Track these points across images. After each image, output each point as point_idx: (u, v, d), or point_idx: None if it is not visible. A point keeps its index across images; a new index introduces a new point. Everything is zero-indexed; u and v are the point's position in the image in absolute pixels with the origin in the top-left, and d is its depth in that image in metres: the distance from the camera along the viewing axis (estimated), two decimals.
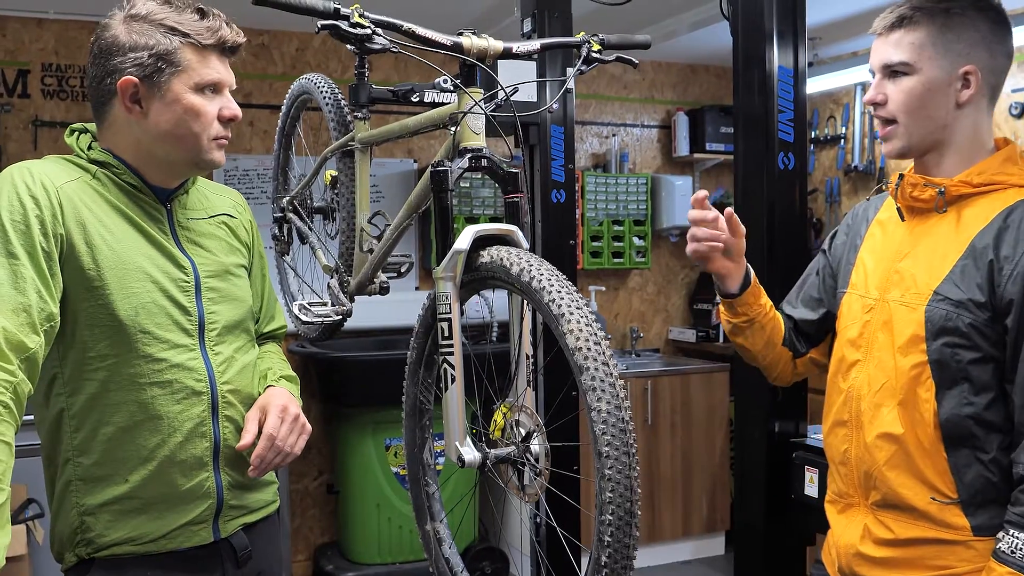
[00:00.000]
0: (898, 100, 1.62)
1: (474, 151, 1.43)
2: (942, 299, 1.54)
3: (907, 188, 1.63)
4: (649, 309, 5.55)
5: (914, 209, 1.65)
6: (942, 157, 1.63)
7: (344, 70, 4.69)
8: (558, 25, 2.77)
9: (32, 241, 1.43)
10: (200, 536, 1.63)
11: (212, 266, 1.67)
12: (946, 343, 1.53)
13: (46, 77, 4.26)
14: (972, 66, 1.58)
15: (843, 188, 5.19)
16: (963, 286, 1.52)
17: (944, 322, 1.53)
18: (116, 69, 1.54)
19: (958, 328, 1.52)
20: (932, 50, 1.58)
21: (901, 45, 1.60)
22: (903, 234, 1.66)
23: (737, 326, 1.84)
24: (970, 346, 1.52)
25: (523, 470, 1.35)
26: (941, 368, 1.54)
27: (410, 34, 1.41)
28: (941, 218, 1.60)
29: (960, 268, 1.54)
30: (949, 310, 1.53)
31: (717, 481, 4.96)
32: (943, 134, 1.62)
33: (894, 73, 1.62)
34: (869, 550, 1.64)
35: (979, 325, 1.51)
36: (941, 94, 1.59)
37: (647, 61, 5.43)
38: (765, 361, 1.88)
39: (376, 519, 4.30)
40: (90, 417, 1.55)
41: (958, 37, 1.58)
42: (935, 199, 1.59)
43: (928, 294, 1.56)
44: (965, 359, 1.52)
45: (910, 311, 1.58)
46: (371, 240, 1.86)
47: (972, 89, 1.59)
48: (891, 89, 1.63)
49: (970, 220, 1.56)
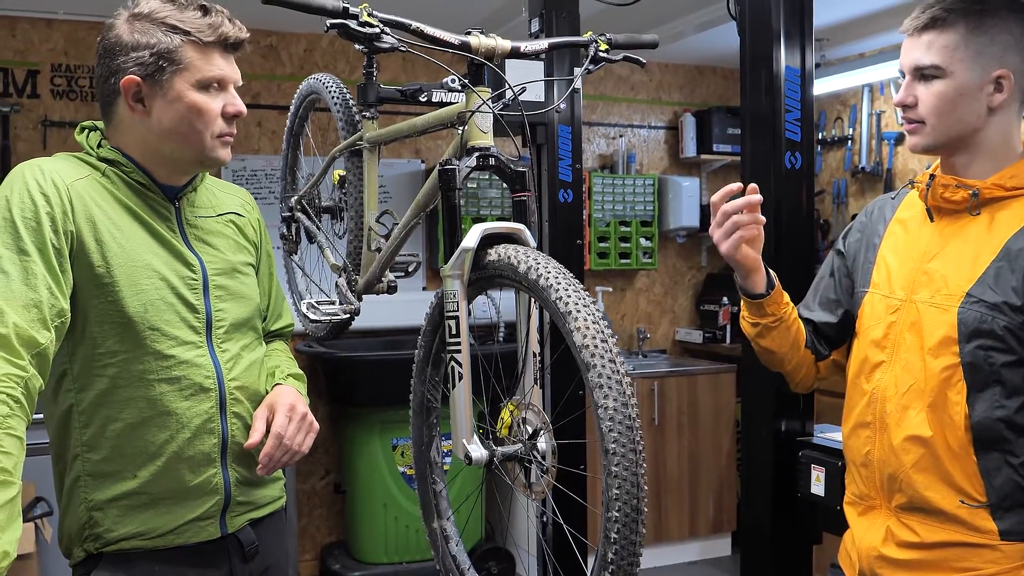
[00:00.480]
0: (929, 103, 1.59)
1: (482, 150, 1.43)
2: (976, 301, 1.52)
3: (938, 189, 1.61)
4: (656, 310, 5.55)
5: (943, 210, 1.62)
6: (971, 160, 1.61)
7: (352, 71, 4.70)
8: (566, 25, 2.77)
9: (43, 238, 1.44)
10: (208, 531, 1.63)
11: (220, 264, 1.68)
12: (980, 345, 1.51)
13: (55, 77, 4.28)
14: (1005, 70, 1.55)
15: (850, 190, 5.19)
16: (998, 289, 1.51)
17: (978, 324, 1.51)
18: (119, 68, 1.55)
19: (993, 331, 1.50)
20: (964, 53, 1.55)
21: (933, 47, 1.57)
22: (931, 235, 1.64)
23: (765, 327, 1.77)
24: (1004, 349, 1.50)
25: (530, 467, 1.36)
26: (974, 371, 1.52)
27: (418, 33, 1.42)
28: (972, 220, 1.58)
29: (994, 271, 1.52)
30: (983, 312, 1.51)
31: (724, 482, 4.96)
32: (973, 137, 1.59)
33: (925, 76, 1.59)
34: (892, 552, 1.62)
35: (1014, 328, 1.49)
36: (973, 98, 1.57)
37: (654, 62, 5.43)
38: (790, 365, 1.82)
39: (383, 518, 4.30)
40: (99, 413, 1.56)
41: (991, 40, 1.55)
42: (968, 201, 1.57)
43: (960, 296, 1.54)
44: (999, 362, 1.50)
45: (941, 312, 1.56)
46: (379, 239, 1.87)
47: (1005, 93, 1.56)
48: (921, 91, 1.60)
49: (1003, 223, 1.54)
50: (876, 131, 4.98)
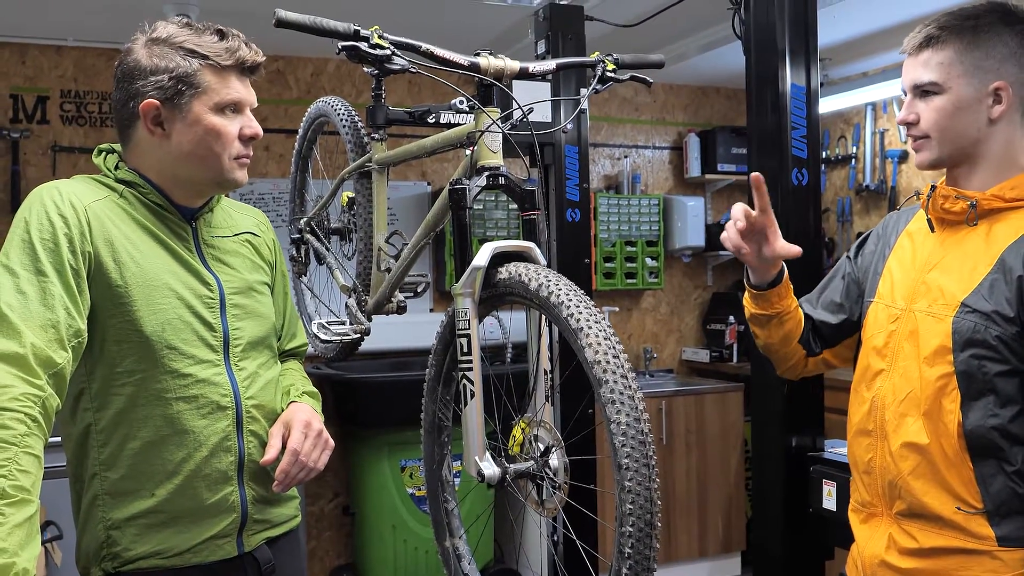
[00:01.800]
0: (929, 119, 1.63)
1: (492, 169, 1.45)
2: (970, 311, 1.54)
3: (939, 200, 1.63)
4: (662, 330, 5.56)
5: (944, 221, 1.65)
6: (973, 171, 1.63)
7: (358, 95, 4.73)
8: (571, 47, 2.80)
9: (61, 259, 1.46)
10: (225, 550, 1.64)
11: (236, 283, 1.70)
12: (973, 355, 1.53)
13: (65, 103, 4.32)
14: (1003, 82, 1.58)
15: (855, 208, 5.20)
16: (991, 299, 1.52)
17: (972, 334, 1.53)
18: (138, 92, 1.57)
19: (986, 340, 1.52)
20: (961, 68, 1.59)
21: (929, 65, 1.61)
22: (933, 245, 1.66)
23: (758, 316, 1.82)
24: (998, 359, 1.52)
25: (542, 484, 1.36)
26: (968, 379, 1.54)
27: (428, 54, 1.44)
28: (971, 231, 1.60)
29: (989, 282, 1.54)
30: (977, 322, 1.53)
31: (732, 501, 4.94)
32: (975, 149, 1.62)
33: (924, 93, 1.63)
34: (894, 560, 1.63)
35: (1007, 339, 1.51)
36: (972, 111, 1.60)
37: (658, 84, 5.46)
38: (778, 355, 1.87)
39: (392, 540, 4.29)
40: (117, 432, 1.57)
41: (987, 54, 1.58)
42: (967, 212, 1.59)
43: (956, 305, 1.56)
44: (992, 371, 1.52)
45: (937, 322, 1.58)
46: (388, 259, 1.88)
47: (1004, 105, 1.59)
48: (922, 108, 1.63)
49: (1001, 234, 1.56)
50: (880, 149, 5.00)
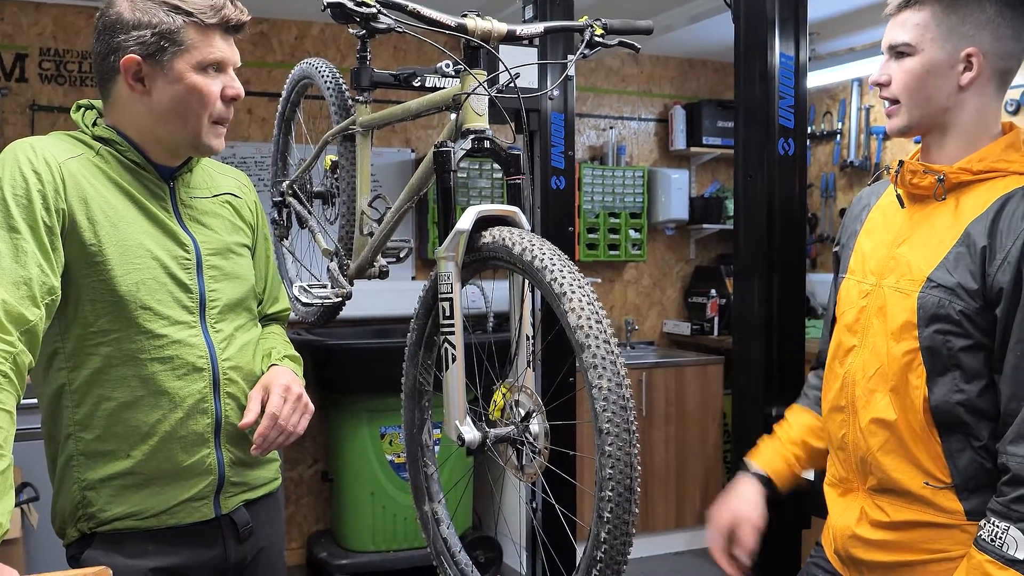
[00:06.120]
0: (900, 81, 1.62)
1: (477, 132, 1.43)
2: (935, 286, 1.53)
3: (907, 175, 1.62)
4: (644, 302, 5.57)
5: (914, 196, 1.64)
6: (944, 140, 1.62)
7: (343, 59, 4.68)
8: (559, 13, 2.77)
9: (34, 215, 1.44)
10: (201, 512, 1.64)
11: (214, 244, 1.68)
12: (937, 330, 1.53)
13: (44, 61, 4.25)
14: (975, 48, 1.56)
15: (839, 183, 5.21)
16: (956, 273, 1.52)
17: (936, 309, 1.53)
18: (120, 47, 1.54)
19: (949, 315, 1.51)
20: (935, 31, 1.58)
21: (906, 26, 1.60)
22: (902, 220, 1.66)
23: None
24: (961, 333, 1.51)
25: (522, 449, 1.36)
26: (932, 355, 1.53)
27: (415, 14, 1.41)
28: (940, 205, 1.59)
29: (954, 255, 1.53)
30: (941, 297, 1.52)
31: (711, 473, 4.98)
32: (945, 117, 1.61)
33: (899, 54, 1.62)
34: (865, 532, 1.65)
35: (970, 313, 1.50)
36: (942, 76, 1.59)
37: (645, 55, 5.43)
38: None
39: (370, 507, 4.30)
40: (92, 392, 1.56)
41: (963, 19, 1.57)
42: (934, 186, 1.58)
43: (922, 281, 1.55)
44: (956, 346, 1.52)
45: (904, 297, 1.58)
46: (371, 223, 1.87)
47: (974, 72, 1.57)
48: (894, 69, 1.63)
49: (968, 207, 1.55)
50: (865, 126, 5.00)
